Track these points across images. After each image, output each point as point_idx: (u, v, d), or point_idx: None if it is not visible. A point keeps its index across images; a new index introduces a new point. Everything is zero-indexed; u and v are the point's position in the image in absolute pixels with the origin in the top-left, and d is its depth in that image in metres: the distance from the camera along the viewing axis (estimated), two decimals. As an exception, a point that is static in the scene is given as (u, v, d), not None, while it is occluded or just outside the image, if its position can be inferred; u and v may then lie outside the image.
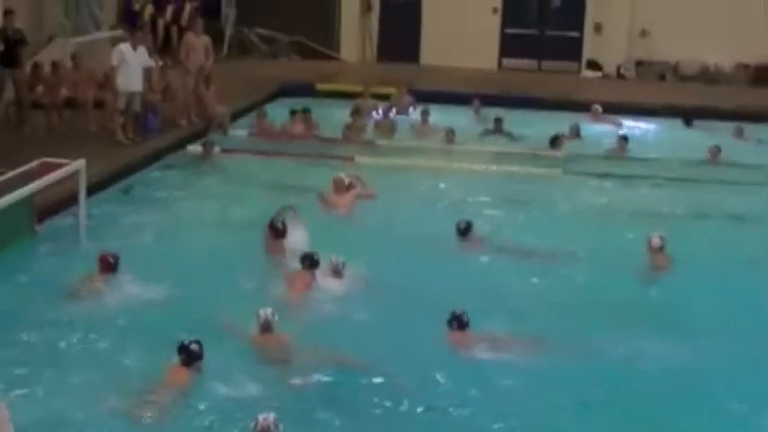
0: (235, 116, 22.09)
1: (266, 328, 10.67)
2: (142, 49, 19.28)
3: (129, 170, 17.73)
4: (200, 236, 14.61)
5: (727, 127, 22.78)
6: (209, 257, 13.69)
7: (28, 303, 11.80)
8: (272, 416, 8.51)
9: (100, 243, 13.55)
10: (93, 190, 15.26)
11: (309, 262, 12.43)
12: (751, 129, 22.74)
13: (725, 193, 18.16)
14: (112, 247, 12.98)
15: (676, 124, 23.86)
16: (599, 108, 23.82)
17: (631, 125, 23.63)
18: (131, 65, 18.90)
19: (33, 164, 13.88)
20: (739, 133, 22.55)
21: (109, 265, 12.41)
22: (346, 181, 16.36)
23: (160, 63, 21.26)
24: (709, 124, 23.49)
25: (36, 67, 20.15)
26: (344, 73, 28.19)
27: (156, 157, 18.81)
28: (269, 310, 10.73)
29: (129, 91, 18.96)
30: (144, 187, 17.28)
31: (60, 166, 13.99)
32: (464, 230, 14.42)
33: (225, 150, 19.45)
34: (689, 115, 24.06)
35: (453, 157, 19.98)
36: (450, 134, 21.18)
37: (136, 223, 15.09)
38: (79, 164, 14.21)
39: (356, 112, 22.22)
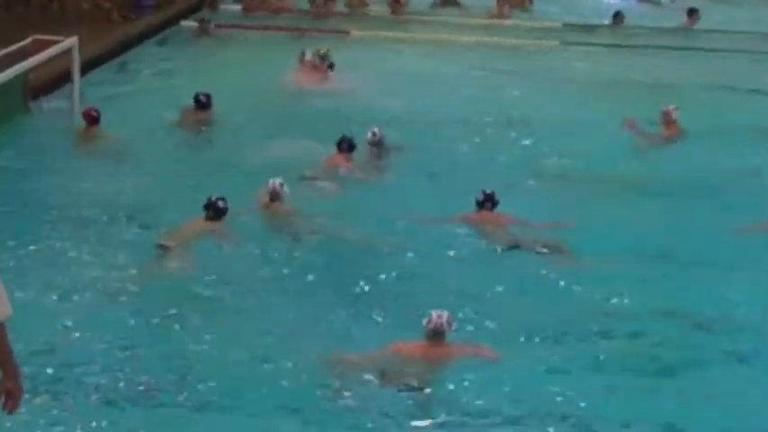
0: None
1: (274, 197, 10.78)
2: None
3: (124, 47, 17.57)
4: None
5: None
6: (207, 132, 13.75)
7: (23, 178, 11.80)
8: (446, 313, 8.32)
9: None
10: (87, 68, 15.13)
11: (347, 144, 12.43)
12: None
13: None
14: (107, 125, 13.10)
15: None
16: None
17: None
18: (124, -61, 18.63)
19: (26, 41, 13.73)
20: None
21: (93, 118, 12.99)
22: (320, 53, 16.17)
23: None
24: None
25: (26, -57, 19.76)
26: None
27: (150, 33, 18.61)
28: (278, 180, 10.79)
29: (121, -34, 18.71)
30: (139, 64, 17.10)
31: (53, 43, 13.84)
32: None
33: (217, 25, 19.18)
34: None
35: (451, 30, 19.79)
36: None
37: (131, 100, 14.96)
38: (72, 41, 14.07)
39: None
